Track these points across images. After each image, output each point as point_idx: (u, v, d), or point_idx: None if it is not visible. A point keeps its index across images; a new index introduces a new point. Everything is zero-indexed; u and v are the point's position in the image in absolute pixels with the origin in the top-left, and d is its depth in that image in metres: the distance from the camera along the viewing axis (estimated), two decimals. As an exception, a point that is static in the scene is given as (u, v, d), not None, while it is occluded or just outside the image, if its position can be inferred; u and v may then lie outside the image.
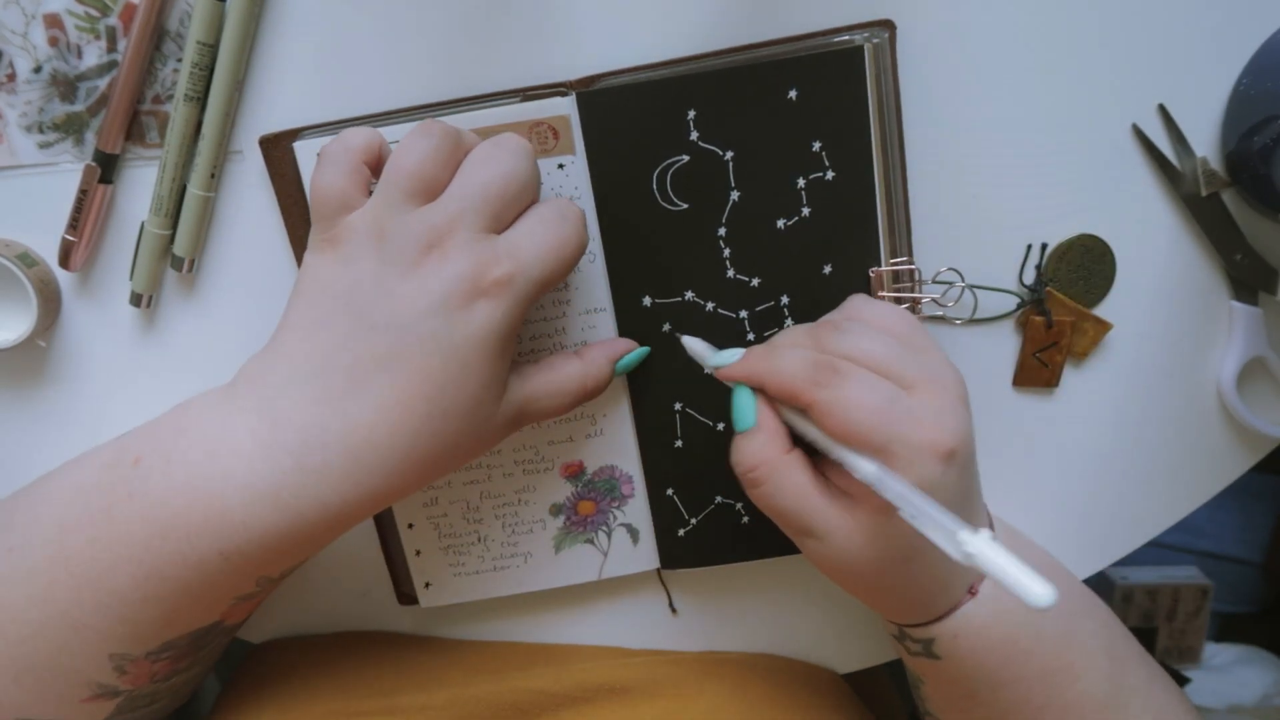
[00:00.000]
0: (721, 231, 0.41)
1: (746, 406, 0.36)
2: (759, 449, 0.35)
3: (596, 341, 0.42)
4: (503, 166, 0.34)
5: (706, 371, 0.37)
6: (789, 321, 0.42)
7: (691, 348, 0.39)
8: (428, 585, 0.46)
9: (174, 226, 0.42)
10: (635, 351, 0.42)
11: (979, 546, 0.29)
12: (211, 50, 0.39)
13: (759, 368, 0.35)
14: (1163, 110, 0.42)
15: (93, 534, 0.34)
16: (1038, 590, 0.27)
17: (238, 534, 0.33)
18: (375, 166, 0.36)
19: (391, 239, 0.33)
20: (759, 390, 0.36)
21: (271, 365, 0.35)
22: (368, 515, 0.35)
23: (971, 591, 0.37)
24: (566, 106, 0.39)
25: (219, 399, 0.35)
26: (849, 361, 0.34)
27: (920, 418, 0.33)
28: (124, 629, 0.35)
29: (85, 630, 0.35)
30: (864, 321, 0.37)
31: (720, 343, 0.42)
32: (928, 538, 0.30)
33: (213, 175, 0.41)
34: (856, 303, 0.39)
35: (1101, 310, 0.44)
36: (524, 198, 0.35)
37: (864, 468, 0.33)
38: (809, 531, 0.35)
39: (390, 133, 0.36)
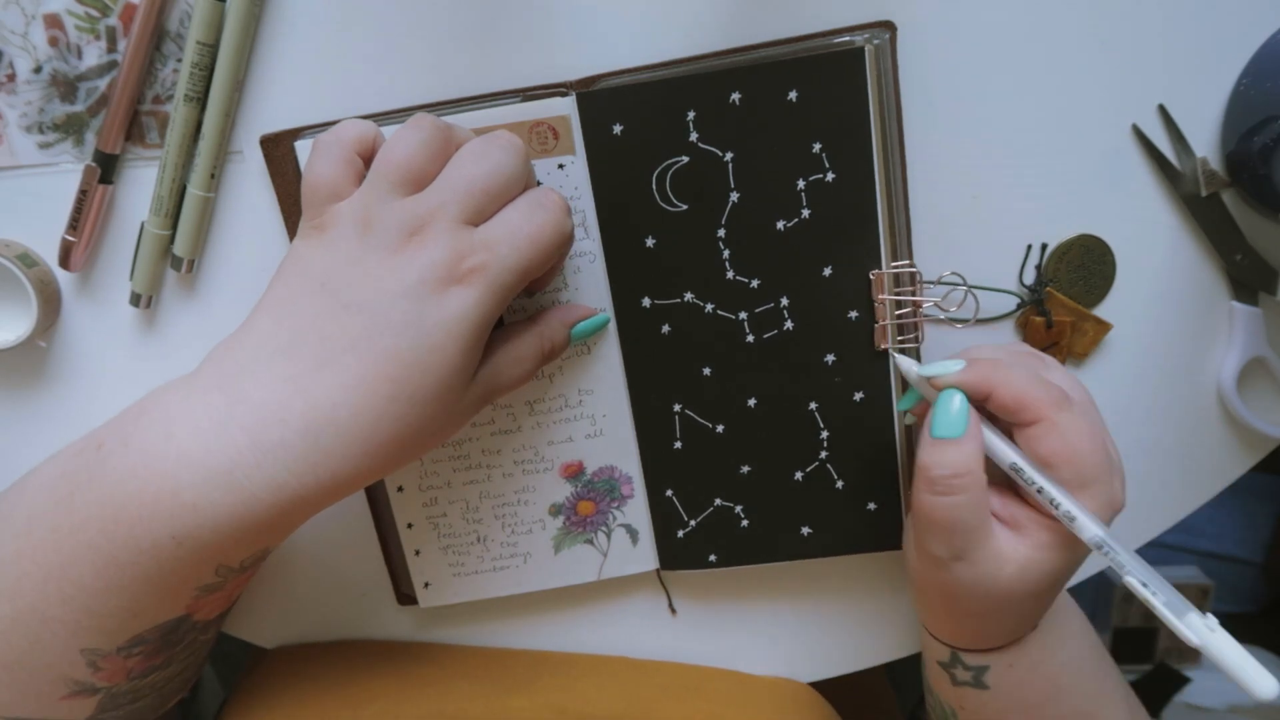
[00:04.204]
0: (721, 233, 0.41)
1: (960, 413, 0.35)
2: (967, 458, 0.34)
3: (554, 306, 0.42)
4: (490, 162, 0.34)
5: (913, 381, 0.36)
6: (789, 324, 0.42)
7: (903, 366, 0.38)
8: (427, 585, 0.46)
9: (174, 226, 0.42)
10: (592, 319, 0.42)
11: (1213, 638, 0.31)
12: (211, 50, 0.39)
13: (994, 376, 0.35)
14: (1163, 110, 0.42)
15: (56, 522, 0.34)
16: (1265, 683, 0.30)
17: (189, 517, 0.33)
18: (368, 158, 0.36)
19: (375, 226, 0.34)
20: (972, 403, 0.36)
21: (240, 344, 0.34)
22: (325, 503, 0.34)
23: (1033, 624, 0.38)
24: (566, 106, 0.39)
25: (184, 380, 0.35)
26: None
27: (1116, 471, 0.35)
28: (91, 621, 0.35)
29: (53, 623, 0.35)
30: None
31: (720, 345, 0.42)
32: (1155, 610, 0.32)
33: (213, 175, 0.41)
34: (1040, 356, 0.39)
35: (1101, 310, 0.44)
36: (510, 193, 0.35)
37: (1091, 529, 0.33)
38: (966, 552, 0.35)
39: (390, 132, 0.36)
